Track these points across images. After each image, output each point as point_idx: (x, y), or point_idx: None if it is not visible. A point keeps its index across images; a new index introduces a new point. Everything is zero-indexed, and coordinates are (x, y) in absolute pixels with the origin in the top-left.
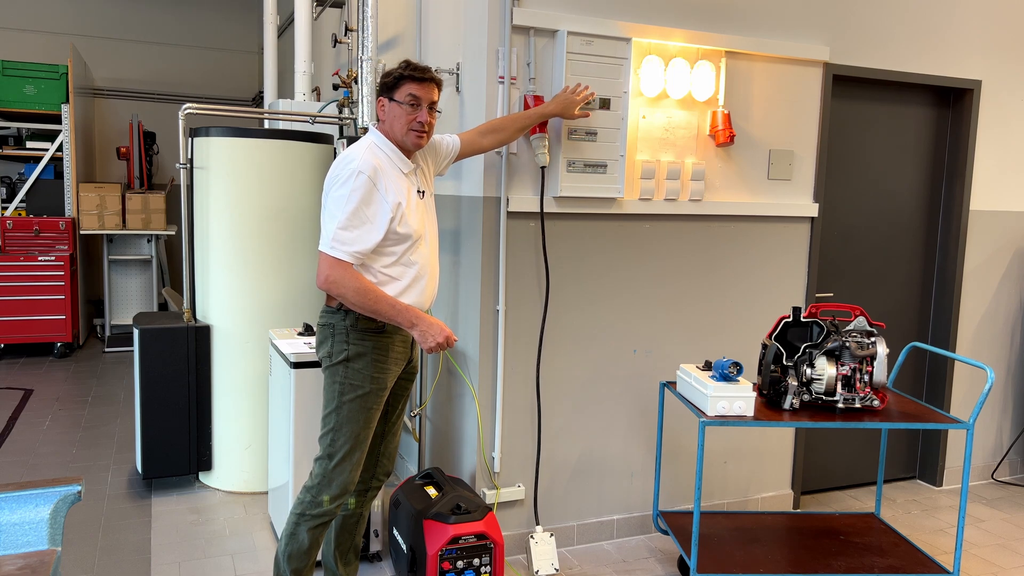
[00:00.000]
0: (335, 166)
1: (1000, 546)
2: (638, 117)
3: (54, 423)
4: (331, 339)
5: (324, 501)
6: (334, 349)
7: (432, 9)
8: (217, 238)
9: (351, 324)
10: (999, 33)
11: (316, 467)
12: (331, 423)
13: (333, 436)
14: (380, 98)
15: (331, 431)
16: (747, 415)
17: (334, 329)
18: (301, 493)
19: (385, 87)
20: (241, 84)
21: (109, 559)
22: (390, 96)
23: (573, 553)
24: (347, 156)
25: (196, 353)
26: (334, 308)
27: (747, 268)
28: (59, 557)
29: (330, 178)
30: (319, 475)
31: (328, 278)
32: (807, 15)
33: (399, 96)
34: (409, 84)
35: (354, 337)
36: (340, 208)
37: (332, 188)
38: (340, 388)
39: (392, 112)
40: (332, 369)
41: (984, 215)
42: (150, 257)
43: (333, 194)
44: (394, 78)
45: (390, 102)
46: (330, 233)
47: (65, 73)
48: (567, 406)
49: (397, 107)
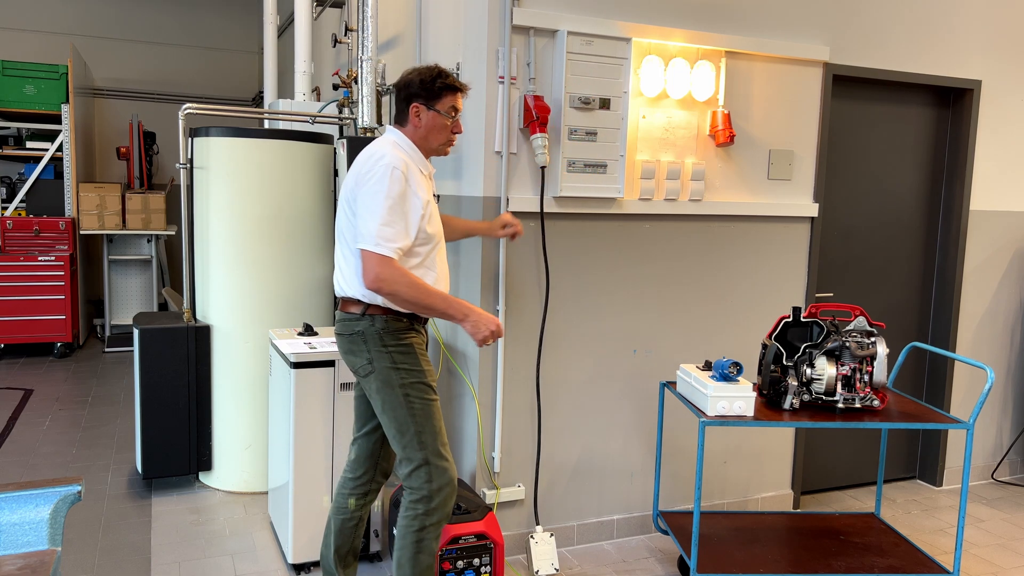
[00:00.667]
0: (362, 164)
1: (1000, 546)
2: (638, 117)
3: (54, 423)
4: (365, 347)
5: (441, 503)
6: (373, 356)
7: (432, 9)
8: (217, 238)
9: (383, 328)
10: (999, 33)
11: (416, 479)
12: (411, 428)
13: (420, 439)
14: (416, 104)
15: (416, 435)
16: (747, 415)
17: (365, 336)
18: (408, 511)
19: (425, 94)
20: (241, 84)
21: (109, 559)
22: (429, 104)
23: (573, 553)
24: (374, 153)
25: (196, 353)
26: (358, 315)
27: (747, 268)
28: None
29: (359, 175)
30: (424, 483)
31: (378, 276)
32: (807, 15)
33: (441, 106)
34: (451, 95)
35: (389, 340)
36: (378, 204)
37: (364, 184)
38: (403, 391)
39: (431, 121)
40: (383, 376)
41: (984, 215)
42: (150, 257)
43: (368, 190)
44: (437, 87)
45: (428, 110)
46: (371, 230)
47: (65, 73)
48: (567, 406)
49: (437, 117)
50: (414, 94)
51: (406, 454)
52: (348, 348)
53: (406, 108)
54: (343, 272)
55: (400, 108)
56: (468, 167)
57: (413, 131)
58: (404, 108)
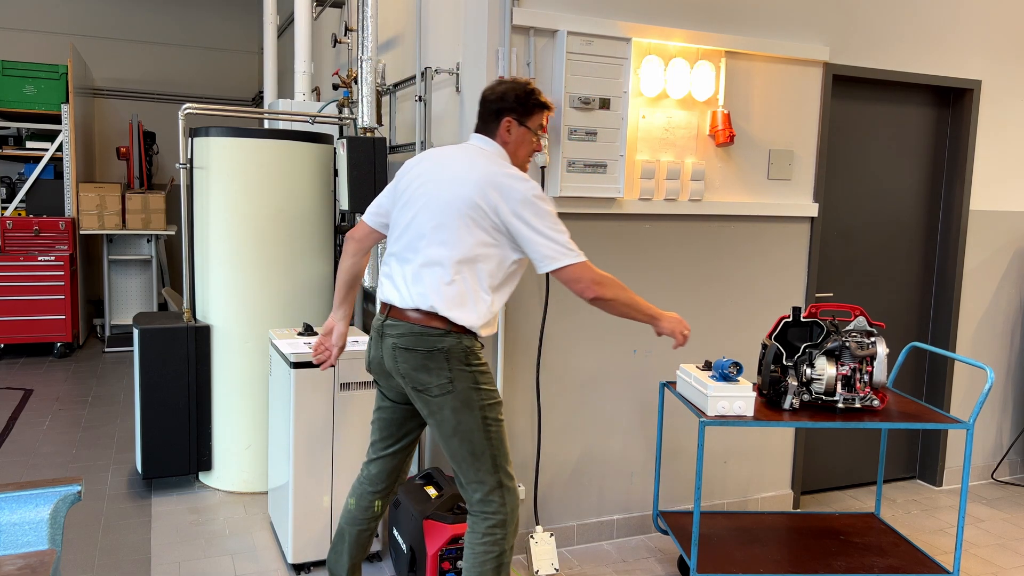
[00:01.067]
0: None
1: (1000, 546)
2: (638, 117)
3: (54, 423)
4: (447, 366)
5: (516, 522)
6: (455, 375)
7: (432, 9)
8: (217, 238)
9: (468, 347)
10: (999, 33)
11: (491, 503)
12: (487, 451)
13: (495, 462)
14: (509, 118)
15: (491, 458)
16: (747, 415)
17: (449, 354)
18: (487, 536)
19: (519, 109)
20: (241, 84)
21: (109, 559)
22: (521, 120)
23: (573, 553)
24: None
25: (196, 353)
26: (443, 331)
27: (747, 268)
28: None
29: (515, 197)
30: (500, 506)
31: (594, 280)
32: (807, 15)
33: (531, 123)
34: (541, 113)
35: (473, 359)
36: (549, 217)
37: (526, 206)
38: (482, 412)
39: (521, 136)
40: (463, 397)
41: (984, 215)
42: (150, 257)
43: (535, 210)
44: (531, 104)
45: (519, 126)
46: (561, 243)
47: (65, 73)
48: (567, 406)
49: (528, 133)
50: (508, 108)
51: (479, 477)
52: (422, 365)
53: (496, 120)
54: (436, 288)
55: (488, 119)
56: None
57: (503, 144)
58: (494, 120)
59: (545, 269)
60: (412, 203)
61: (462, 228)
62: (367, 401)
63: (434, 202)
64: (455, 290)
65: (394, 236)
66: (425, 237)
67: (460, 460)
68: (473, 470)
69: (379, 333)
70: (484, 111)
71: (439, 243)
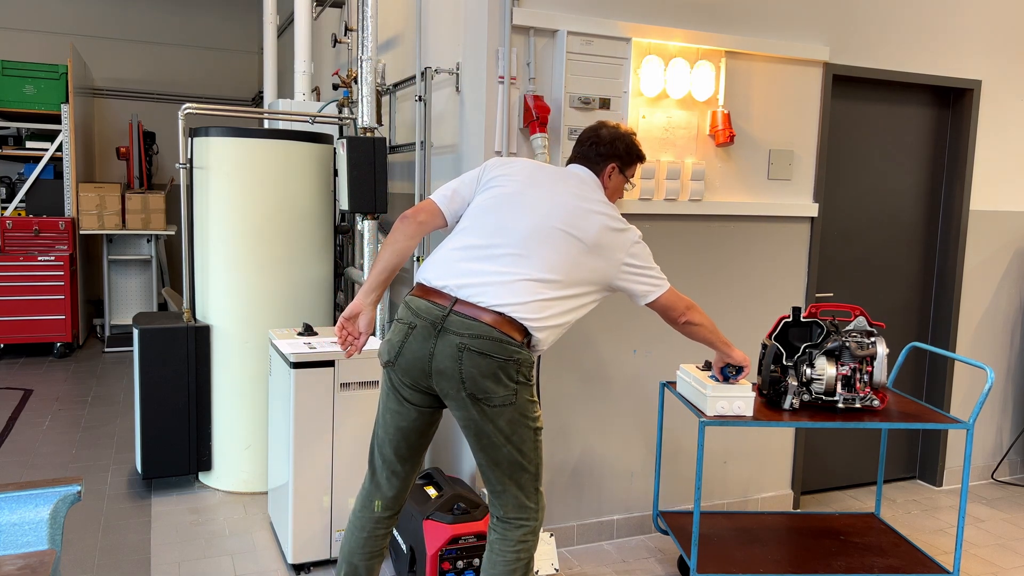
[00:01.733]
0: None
1: (1000, 546)
2: (638, 117)
3: (54, 423)
4: (516, 375)
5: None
6: (519, 387)
7: (432, 9)
8: (217, 238)
9: (531, 359)
10: (999, 33)
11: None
12: (533, 462)
13: (537, 472)
14: (614, 164)
15: (536, 469)
16: (746, 415)
17: (519, 365)
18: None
19: (625, 159)
20: (241, 84)
21: (109, 559)
22: (623, 170)
23: (573, 553)
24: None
25: (196, 353)
26: (521, 342)
27: (747, 268)
28: (59, 557)
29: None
30: (535, 512)
31: (687, 307)
32: (807, 15)
33: (630, 173)
34: (638, 167)
35: (530, 373)
36: (649, 255)
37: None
38: (534, 424)
39: (617, 184)
40: (522, 409)
41: (984, 215)
42: (150, 257)
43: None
44: (635, 156)
45: (619, 174)
46: (656, 274)
47: (65, 73)
48: (567, 406)
49: (623, 181)
50: (616, 155)
51: (521, 485)
52: (493, 373)
53: (603, 163)
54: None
55: (595, 159)
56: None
57: (604, 185)
58: (600, 162)
59: (644, 302)
60: (515, 204)
61: (582, 250)
62: (367, 401)
63: (550, 218)
64: (549, 313)
65: (486, 231)
66: (534, 250)
67: (505, 469)
68: (518, 480)
69: (435, 327)
70: (591, 152)
71: (552, 263)
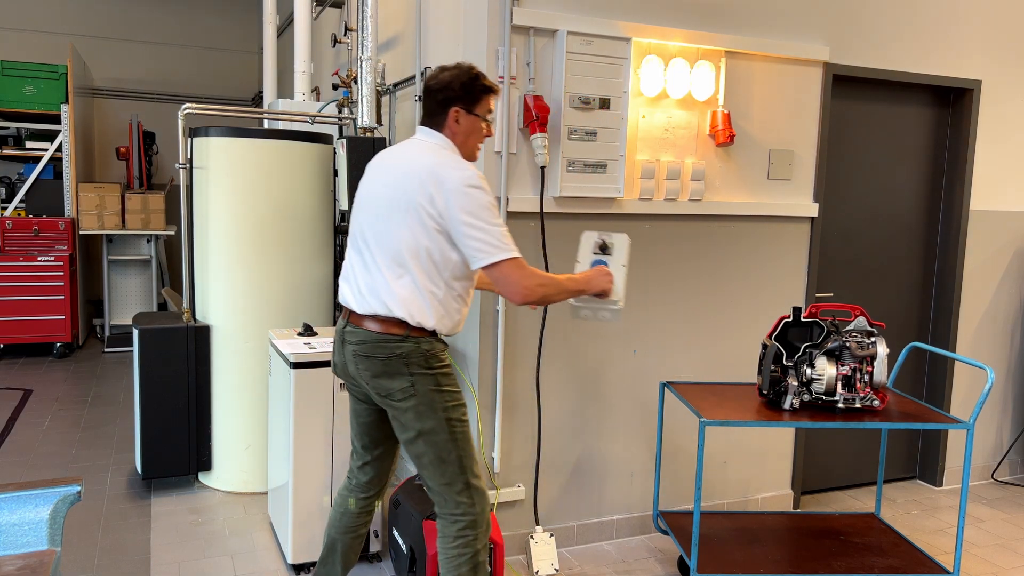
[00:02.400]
0: (428, 173)
1: (1000, 546)
2: (638, 117)
3: (54, 423)
4: (407, 370)
5: (487, 523)
6: (416, 379)
7: (432, 9)
8: (217, 238)
9: (428, 350)
10: (999, 33)
11: (461, 505)
12: (453, 453)
13: (461, 463)
14: (457, 108)
15: (458, 460)
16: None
17: (407, 359)
18: (459, 538)
19: (465, 97)
20: (241, 84)
21: (109, 559)
22: (470, 109)
23: (573, 553)
24: (442, 162)
25: (196, 353)
26: (400, 336)
27: (747, 268)
28: (59, 557)
29: (449, 186)
30: (470, 507)
31: (523, 284)
32: (807, 15)
33: (480, 110)
34: (488, 97)
35: (434, 361)
36: (487, 211)
37: (454, 196)
38: (446, 415)
39: (470, 126)
40: (426, 400)
41: (984, 215)
42: (150, 257)
43: (469, 200)
44: (478, 91)
45: (469, 115)
46: (494, 237)
47: (64, 73)
48: (567, 406)
49: (477, 121)
50: (455, 97)
51: (447, 480)
52: (382, 371)
53: (443, 111)
54: (388, 289)
55: (435, 111)
56: None
57: (452, 136)
58: (441, 111)
59: (477, 265)
60: (362, 205)
61: (405, 225)
62: None
63: (380, 201)
64: (404, 289)
65: (350, 240)
66: (374, 238)
67: (426, 464)
68: (440, 473)
69: (341, 339)
70: (429, 102)
71: (387, 243)
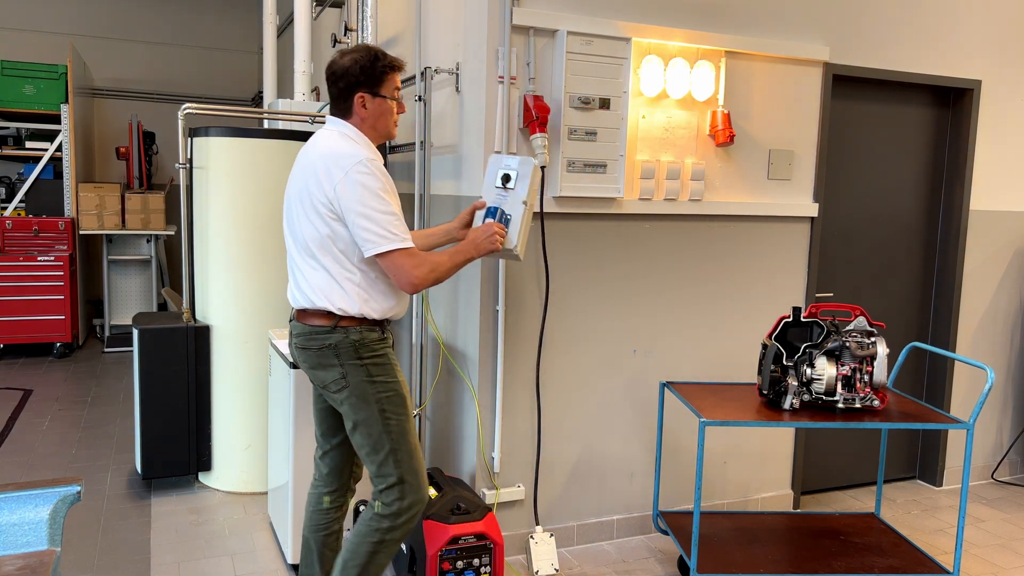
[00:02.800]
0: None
1: (1000, 546)
2: (638, 117)
3: (54, 423)
4: (338, 361)
5: (406, 521)
6: (347, 370)
7: (432, 9)
8: (217, 238)
9: (357, 340)
10: (999, 33)
11: (388, 495)
12: (386, 445)
13: (395, 457)
14: (361, 93)
15: (391, 453)
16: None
17: (337, 349)
18: (372, 523)
19: (367, 81)
20: (241, 84)
21: (109, 559)
22: (374, 91)
23: (573, 553)
24: (336, 152)
25: (196, 353)
26: (328, 327)
27: (747, 268)
28: (59, 557)
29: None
30: (396, 499)
31: (412, 274)
32: (807, 15)
33: (385, 91)
34: (392, 76)
35: (365, 352)
36: (375, 198)
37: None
38: (379, 406)
39: (378, 108)
40: (358, 391)
41: (984, 215)
42: (149, 257)
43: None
44: (379, 71)
45: (375, 97)
46: (383, 227)
47: (64, 73)
48: (567, 406)
49: (384, 103)
50: (357, 83)
51: (380, 471)
52: (316, 363)
53: (348, 98)
54: (307, 281)
55: (340, 98)
56: (468, 167)
57: (360, 122)
58: (346, 98)
59: (367, 254)
60: (287, 201)
61: (306, 217)
62: None
63: (291, 197)
64: (321, 280)
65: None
66: (291, 234)
67: (364, 454)
68: (374, 464)
69: (290, 337)
70: (333, 90)
71: (299, 237)
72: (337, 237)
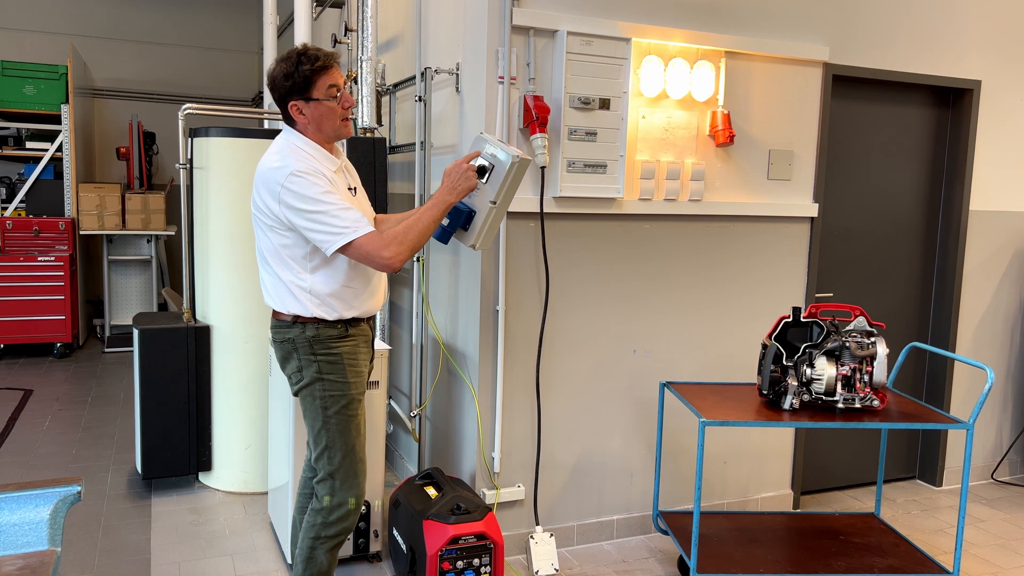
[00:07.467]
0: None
1: (1000, 546)
2: (638, 117)
3: (54, 423)
4: (295, 355)
5: (338, 519)
6: (303, 365)
7: (432, 9)
8: (217, 238)
9: (312, 336)
10: (999, 33)
11: (321, 488)
12: (323, 441)
13: (330, 454)
14: (294, 102)
15: (326, 449)
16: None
17: (295, 344)
18: (310, 516)
19: (295, 88)
20: (241, 84)
21: (109, 559)
22: (306, 96)
23: (573, 553)
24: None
25: (196, 353)
26: (288, 322)
27: (747, 268)
28: (59, 557)
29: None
30: (327, 495)
31: (383, 254)
32: (807, 15)
33: (318, 93)
34: (323, 76)
35: (319, 348)
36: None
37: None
38: (322, 403)
39: (315, 112)
40: (308, 385)
41: (984, 215)
42: (150, 257)
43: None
44: (303, 76)
45: (308, 102)
46: (336, 224)
47: (65, 73)
48: (567, 406)
49: (320, 105)
50: (286, 92)
51: (318, 464)
52: (280, 355)
53: (284, 107)
54: (265, 287)
55: (280, 107)
56: None
57: (304, 128)
58: (283, 107)
59: (328, 252)
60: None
61: (258, 228)
62: (366, 401)
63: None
64: (274, 286)
65: None
66: (258, 246)
67: (313, 447)
68: (315, 457)
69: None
70: (276, 100)
71: (257, 244)
72: (289, 244)
